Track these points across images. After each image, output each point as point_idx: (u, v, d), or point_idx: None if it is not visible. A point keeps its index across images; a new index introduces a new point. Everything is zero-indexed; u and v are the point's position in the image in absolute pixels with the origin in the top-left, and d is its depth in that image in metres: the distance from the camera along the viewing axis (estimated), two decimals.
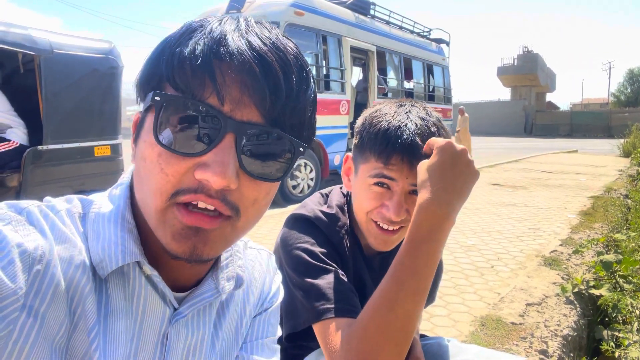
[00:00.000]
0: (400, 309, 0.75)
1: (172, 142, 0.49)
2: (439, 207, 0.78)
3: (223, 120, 0.48)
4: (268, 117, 0.50)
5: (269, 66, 0.49)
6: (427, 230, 0.77)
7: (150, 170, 0.50)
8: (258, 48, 0.49)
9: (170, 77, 0.49)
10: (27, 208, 0.51)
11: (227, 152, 0.48)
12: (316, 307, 0.91)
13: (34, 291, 0.46)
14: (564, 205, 5.84)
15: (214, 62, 0.48)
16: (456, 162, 0.80)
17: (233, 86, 0.48)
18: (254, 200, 0.53)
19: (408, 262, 0.77)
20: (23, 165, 3.56)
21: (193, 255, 0.51)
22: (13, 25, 3.56)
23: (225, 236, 0.53)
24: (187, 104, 0.49)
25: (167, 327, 0.58)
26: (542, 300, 2.75)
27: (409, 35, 9.74)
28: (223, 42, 0.49)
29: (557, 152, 15.22)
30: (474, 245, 3.98)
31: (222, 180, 0.48)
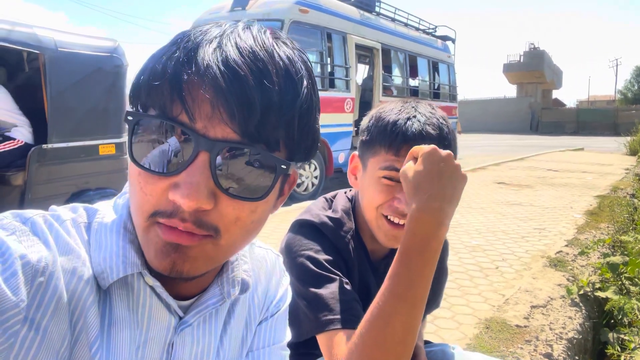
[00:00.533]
0: (398, 322, 0.74)
1: (147, 162, 0.48)
2: (431, 215, 0.76)
3: (195, 138, 0.46)
4: (244, 133, 0.47)
5: (239, 80, 0.46)
6: (420, 240, 0.76)
7: (133, 188, 0.50)
8: (232, 61, 0.46)
9: (147, 95, 0.48)
10: (31, 218, 0.50)
11: (198, 171, 0.47)
12: (319, 318, 0.90)
13: (36, 304, 0.45)
14: (570, 204, 5.80)
15: (182, 79, 0.46)
16: (443, 169, 0.79)
17: (204, 103, 0.46)
18: (236, 219, 0.50)
19: (403, 273, 0.75)
20: (28, 163, 3.56)
21: (173, 271, 0.50)
22: (18, 24, 3.56)
23: (207, 254, 0.51)
24: (158, 123, 0.47)
25: (173, 336, 0.57)
26: (547, 303, 2.74)
27: (414, 32, 9.69)
28: (193, 56, 0.47)
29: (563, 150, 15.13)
30: (479, 245, 3.96)
31: (192, 202, 0.46)
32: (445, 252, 1.25)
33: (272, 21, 6.16)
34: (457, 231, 4.42)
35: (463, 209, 5.48)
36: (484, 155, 13.61)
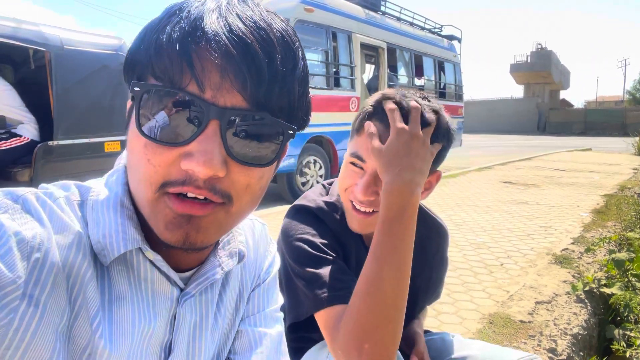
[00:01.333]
0: (387, 286, 0.78)
1: (156, 133, 0.48)
2: (404, 185, 0.82)
3: (205, 107, 0.47)
4: (253, 101, 0.48)
5: (247, 48, 0.47)
6: (397, 209, 0.81)
7: (138, 161, 0.50)
8: (237, 29, 0.47)
9: (149, 65, 0.48)
10: (23, 196, 0.50)
11: (211, 140, 0.47)
12: (318, 295, 0.91)
13: (34, 280, 0.45)
14: (577, 203, 5.76)
15: (191, 48, 0.46)
16: (411, 144, 0.85)
17: (213, 72, 0.47)
18: (246, 185, 0.52)
19: (385, 240, 0.81)
20: (34, 160, 3.60)
21: (186, 243, 0.50)
22: (24, 22, 3.60)
23: (219, 222, 0.52)
24: (167, 93, 0.48)
25: (176, 308, 0.59)
26: (552, 299, 2.71)
27: (420, 31, 9.66)
28: (199, 25, 0.47)
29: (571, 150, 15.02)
30: (484, 242, 3.94)
31: (208, 169, 0.47)
32: (445, 242, 1.24)
33: None
34: (462, 228, 4.40)
35: (468, 207, 5.46)
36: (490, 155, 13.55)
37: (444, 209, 5.35)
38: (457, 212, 5.19)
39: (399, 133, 0.86)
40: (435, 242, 1.20)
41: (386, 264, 0.79)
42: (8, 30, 3.43)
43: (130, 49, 0.52)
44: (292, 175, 6.36)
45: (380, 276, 0.79)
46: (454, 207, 5.43)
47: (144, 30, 0.51)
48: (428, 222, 1.21)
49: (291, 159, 6.20)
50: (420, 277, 1.17)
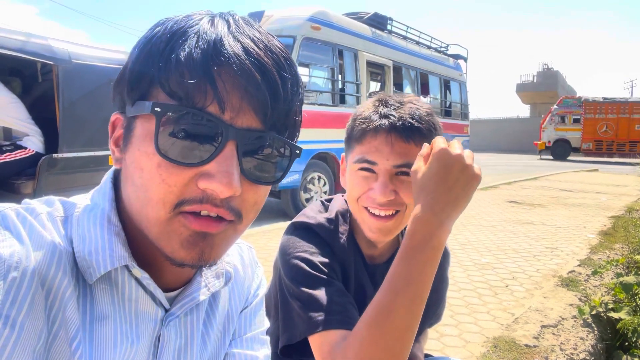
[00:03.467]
0: (397, 319, 0.73)
1: (173, 152, 0.48)
2: (433, 215, 0.76)
3: (224, 128, 0.48)
4: (266, 122, 0.50)
5: (268, 72, 0.49)
6: (421, 238, 0.75)
7: (148, 180, 0.49)
8: (255, 53, 0.49)
9: (165, 84, 0.48)
10: (3, 212, 0.49)
11: (230, 160, 0.49)
12: (313, 318, 0.88)
13: (10, 300, 0.43)
14: (584, 224, 5.69)
15: (213, 69, 0.47)
16: (450, 170, 0.77)
17: (233, 94, 0.48)
18: (254, 203, 0.54)
19: (403, 271, 0.75)
20: (38, 172, 3.60)
21: (201, 260, 0.51)
22: (33, 36, 3.64)
23: (228, 239, 0.54)
24: (187, 113, 0.48)
25: (160, 329, 0.57)
26: (558, 322, 2.65)
27: (426, 50, 9.72)
28: (220, 47, 0.48)
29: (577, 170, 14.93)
30: (489, 263, 3.88)
31: (229, 189, 0.48)
32: (447, 262, 1.21)
33: (284, 37, 6.22)
34: (466, 248, 4.34)
35: (473, 226, 5.41)
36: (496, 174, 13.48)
37: None
38: (461, 231, 5.13)
39: (442, 154, 0.78)
40: None
41: (399, 295, 0.74)
42: (17, 43, 3.47)
43: (131, 66, 0.51)
44: (296, 191, 6.34)
45: (391, 307, 0.74)
46: (458, 226, 5.37)
47: (146, 44, 0.50)
48: None
49: (295, 175, 6.19)
50: None
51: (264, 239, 4.39)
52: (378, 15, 8.35)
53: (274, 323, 1.05)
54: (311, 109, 6.46)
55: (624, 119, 22.32)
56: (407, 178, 0.93)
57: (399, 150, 0.93)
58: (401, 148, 0.93)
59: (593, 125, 22.93)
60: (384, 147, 0.94)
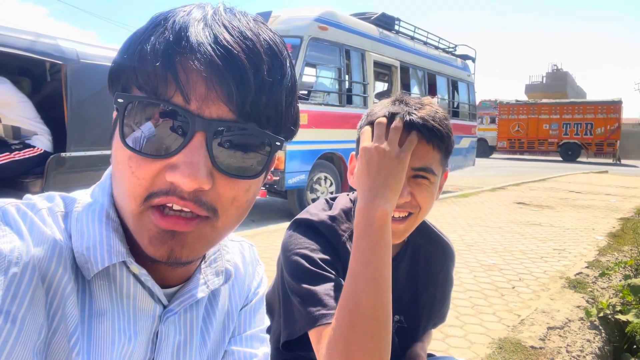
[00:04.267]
0: (365, 299, 0.77)
1: (140, 145, 0.47)
2: (367, 204, 0.84)
3: (191, 119, 0.46)
4: (239, 112, 0.47)
5: (233, 58, 0.46)
6: (364, 226, 0.83)
7: (122, 173, 0.49)
8: (223, 40, 0.46)
9: (133, 76, 0.47)
10: (3, 207, 0.49)
11: (196, 151, 0.46)
12: (311, 312, 0.89)
13: (11, 295, 0.43)
14: (592, 226, 5.64)
15: (175, 58, 0.46)
16: (372, 161, 0.87)
17: (198, 83, 0.46)
18: (233, 198, 0.51)
19: (357, 255, 0.81)
20: (46, 171, 3.63)
21: (170, 258, 0.49)
22: (42, 35, 3.67)
23: (205, 237, 0.51)
24: (151, 104, 0.47)
25: (158, 325, 0.57)
26: (565, 324, 2.63)
27: (433, 51, 9.67)
28: (184, 36, 0.46)
29: (587, 172, 14.80)
30: (495, 264, 3.86)
31: (193, 181, 0.46)
32: (451, 261, 1.21)
33: (291, 37, 6.22)
34: (473, 249, 4.32)
35: (480, 227, 5.37)
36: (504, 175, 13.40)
37: (455, 228, 5.27)
38: (468, 232, 5.11)
39: (363, 152, 0.89)
40: (440, 260, 1.17)
41: (360, 277, 0.79)
42: (26, 43, 3.50)
43: (114, 60, 0.51)
44: (302, 191, 6.34)
45: (356, 290, 0.78)
46: (465, 227, 5.34)
47: (128, 40, 0.50)
48: (433, 240, 1.18)
49: (302, 175, 6.19)
50: (425, 294, 1.14)
51: (270, 239, 4.40)
52: (385, 16, 8.33)
53: (277, 320, 1.06)
54: (318, 109, 6.46)
55: (533, 119, 25.21)
56: (424, 181, 0.95)
57: (419, 153, 0.92)
58: (422, 150, 0.92)
59: (507, 125, 25.91)
60: None
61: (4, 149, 3.57)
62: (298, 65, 6.11)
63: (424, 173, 0.93)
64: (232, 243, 0.74)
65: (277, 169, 5.94)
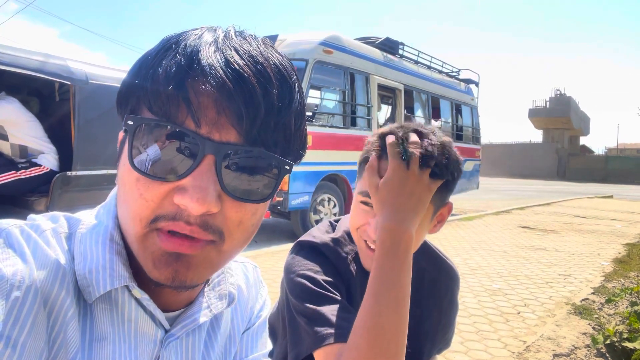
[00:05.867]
0: (385, 321, 0.76)
1: (148, 167, 0.47)
2: (396, 224, 0.83)
3: (200, 142, 0.46)
4: (248, 136, 0.47)
5: (244, 82, 0.46)
6: (390, 246, 0.82)
7: (129, 195, 0.49)
8: (234, 63, 0.46)
9: (145, 99, 0.48)
10: (7, 229, 0.48)
11: (205, 175, 0.46)
12: (318, 332, 0.88)
13: (12, 320, 0.43)
14: (597, 251, 5.58)
15: (187, 82, 0.46)
16: (406, 182, 0.86)
17: (209, 106, 0.46)
18: (239, 222, 0.50)
19: (381, 275, 0.80)
20: (51, 189, 3.65)
21: (175, 281, 0.48)
22: (52, 56, 3.74)
23: (210, 260, 0.50)
24: (162, 127, 0.47)
25: (160, 350, 0.56)
26: (571, 352, 2.58)
27: (437, 74, 9.77)
28: (195, 59, 0.46)
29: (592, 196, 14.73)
30: (500, 289, 3.82)
31: (202, 205, 0.45)
32: (456, 285, 1.20)
33: (297, 60, 6.31)
34: (477, 273, 4.28)
35: (484, 251, 5.33)
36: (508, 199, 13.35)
37: (459, 252, 5.23)
38: (472, 255, 5.06)
39: (395, 169, 0.87)
40: (444, 284, 1.16)
41: (383, 298, 0.78)
42: (36, 64, 3.56)
43: (123, 81, 0.51)
44: (306, 212, 6.33)
45: (378, 311, 0.77)
46: (469, 251, 5.30)
47: (138, 62, 0.50)
48: (437, 264, 1.17)
49: (305, 196, 6.19)
50: (429, 320, 1.12)
51: (272, 260, 4.37)
52: (390, 40, 8.45)
53: (281, 342, 1.04)
54: (322, 131, 6.50)
55: None
56: None
57: None
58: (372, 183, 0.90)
59: None
60: None
61: (10, 167, 3.60)
62: (303, 87, 6.17)
63: None
64: (236, 264, 0.73)
65: (281, 190, 5.95)
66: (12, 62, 3.39)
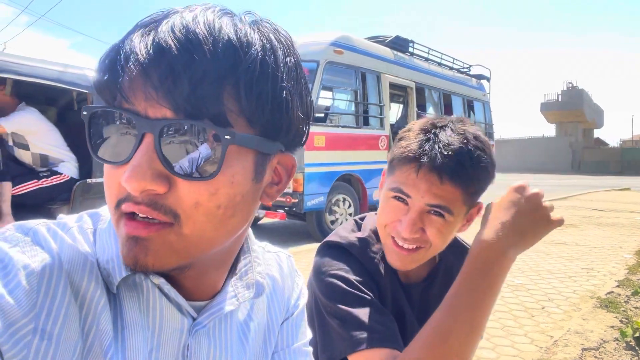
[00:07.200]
0: (455, 341, 0.73)
1: (105, 153, 0.48)
2: (497, 240, 0.78)
3: (138, 122, 0.45)
4: (178, 108, 0.45)
5: (160, 52, 0.44)
6: (482, 264, 0.77)
7: (104, 183, 0.50)
8: (158, 38, 0.45)
9: (97, 89, 0.49)
10: (34, 228, 0.50)
11: (141, 153, 0.45)
12: (354, 336, 0.86)
13: (45, 313, 0.44)
14: (619, 244, 5.50)
15: (116, 65, 0.46)
16: (523, 204, 0.81)
17: (138, 86, 0.45)
18: (195, 203, 0.47)
19: (464, 294, 0.75)
20: (73, 197, 3.70)
21: (137, 266, 0.47)
22: (69, 66, 3.79)
23: (170, 244, 0.48)
24: (103, 113, 0.48)
25: (187, 339, 0.56)
26: (600, 345, 2.55)
27: (448, 71, 9.72)
28: (125, 40, 0.47)
29: (609, 189, 14.51)
30: (522, 284, 3.78)
31: (133, 183, 0.44)
32: None
33: (308, 62, 6.32)
34: None
35: None
36: None
37: None
38: None
39: (516, 189, 0.84)
40: None
41: (459, 318, 0.74)
42: (55, 74, 3.62)
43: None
44: (321, 213, 6.33)
45: (450, 329, 0.74)
46: None
47: None
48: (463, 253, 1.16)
49: (320, 197, 6.19)
50: None
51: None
52: (400, 38, 8.42)
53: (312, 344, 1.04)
54: (335, 132, 6.51)
55: None
56: (437, 219, 0.91)
57: (437, 192, 0.88)
58: (441, 190, 0.88)
59: None
60: (422, 184, 0.89)
61: (32, 176, 3.65)
62: (315, 88, 6.18)
63: (440, 210, 0.90)
64: (268, 254, 0.72)
65: (296, 192, 5.96)
66: (31, 73, 3.44)
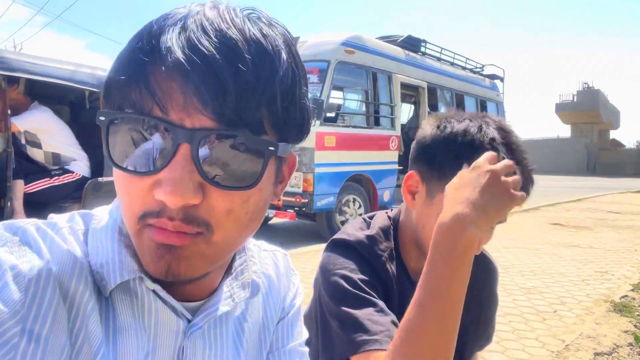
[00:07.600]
0: (428, 337, 0.69)
1: (127, 161, 0.45)
2: (455, 221, 0.70)
3: (173, 131, 0.43)
4: (221, 119, 0.43)
5: (206, 63, 0.42)
6: (443, 248, 0.70)
7: (119, 191, 0.48)
8: (197, 42, 0.43)
9: (117, 92, 0.45)
10: (22, 227, 0.48)
11: (180, 165, 0.43)
12: (353, 338, 0.85)
13: (33, 315, 0.43)
14: (634, 247, 5.40)
15: (148, 69, 0.43)
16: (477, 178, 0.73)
17: (173, 92, 0.43)
18: (228, 211, 0.46)
19: (429, 284, 0.71)
20: (84, 195, 3.74)
21: (169, 275, 0.47)
22: (81, 65, 3.83)
23: (202, 253, 0.47)
24: (133, 120, 0.44)
25: (183, 341, 0.55)
26: (613, 350, 2.49)
27: (460, 71, 9.63)
28: (155, 43, 0.44)
29: (624, 191, 14.28)
30: (535, 287, 3.72)
31: (177, 198, 0.43)
32: (495, 279, 1.17)
33: (319, 62, 6.31)
34: (510, 272, 4.19)
35: (516, 249, 5.22)
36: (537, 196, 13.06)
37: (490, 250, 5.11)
38: (504, 254, 4.96)
39: (472, 167, 0.76)
40: (481, 278, 1.12)
41: (428, 311, 0.70)
42: (67, 73, 3.66)
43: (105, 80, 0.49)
44: (331, 213, 6.32)
45: (420, 325, 0.70)
46: (500, 249, 5.20)
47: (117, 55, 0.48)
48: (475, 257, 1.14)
49: (330, 197, 6.18)
50: (468, 315, 1.09)
51: (300, 262, 4.37)
52: (412, 38, 8.37)
53: (315, 343, 1.03)
54: (346, 132, 6.48)
55: None
56: None
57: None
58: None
59: None
60: None
61: (44, 174, 3.70)
62: (326, 88, 6.17)
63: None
64: (265, 253, 0.71)
65: (306, 192, 5.96)
66: (44, 72, 3.49)
